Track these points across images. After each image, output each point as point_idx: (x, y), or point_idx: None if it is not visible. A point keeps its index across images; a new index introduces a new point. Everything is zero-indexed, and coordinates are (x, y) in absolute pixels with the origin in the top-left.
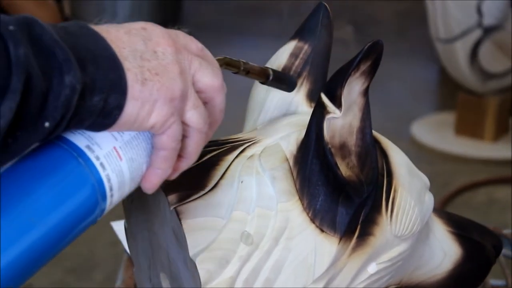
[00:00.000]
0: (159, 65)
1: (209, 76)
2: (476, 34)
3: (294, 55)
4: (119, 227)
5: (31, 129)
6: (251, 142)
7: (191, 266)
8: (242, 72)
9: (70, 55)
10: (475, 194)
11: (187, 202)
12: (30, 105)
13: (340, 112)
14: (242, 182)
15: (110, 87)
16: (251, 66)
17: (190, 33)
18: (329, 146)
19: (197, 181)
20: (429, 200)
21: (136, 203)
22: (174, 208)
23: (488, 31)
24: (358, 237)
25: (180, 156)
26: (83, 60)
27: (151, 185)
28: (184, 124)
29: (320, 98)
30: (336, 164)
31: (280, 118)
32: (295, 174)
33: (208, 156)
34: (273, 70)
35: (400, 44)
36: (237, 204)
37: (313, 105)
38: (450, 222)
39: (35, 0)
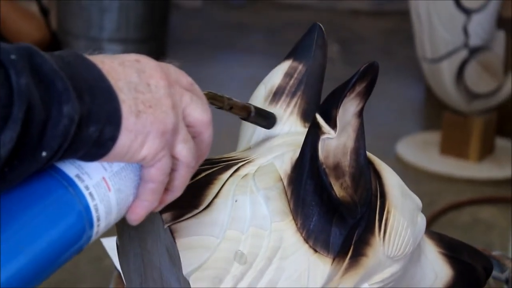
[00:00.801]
0: (153, 98)
1: (198, 111)
2: (462, 54)
3: (288, 74)
4: (109, 243)
5: (29, 158)
6: (245, 161)
7: (185, 285)
8: (226, 107)
9: (69, 85)
10: (459, 213)
11: (181, 221)
12: (30, 135)
13: (335, 132)
14: (236, 201)
15: (106, 118)
16: (235, 102)
17: (180, 67)
18: (324, 166)
19: (191, 199)
20: (421, 221)
21: None
22: (168, 226)
23: (474, 51)
24: (351, 257)
25: (166, 189)
26: (80, 90)
27: (137, 216)
28: (173, 157)
29: (315, 118)
30: (331, 184)
31: (273, 137)
32: (289, 194)
33: (203, 174)
34: (255, 107)
35: (386, 63)
36: (231, 223)
37: (306, 125)
38: (441, 244)
39: (22, 13)
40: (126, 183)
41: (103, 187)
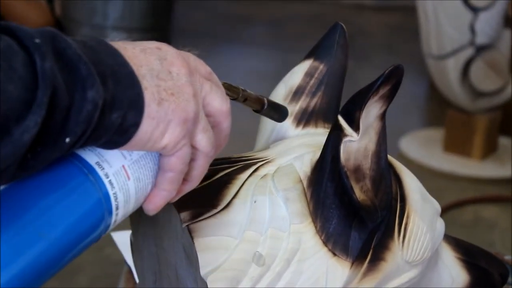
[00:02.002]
0: (175, 86)
1: (218, 100)
2: (468, 52)
3: (309, 74)
4: (119, 238)
5: (52, 144)
6: (264, 161)
7: (202, 285)
8: (240, 98)
9: (93, 70)
10: (462, 212)
11: (199, 220)
12: (54, 120)
13: (358, 135)
14: (255, 202)
15: (129, 104)
16: (249, 93)
17: (199, 56)
18: (345, 169)
19: (210, 199)
20: (440, 226)
21: (145, 217)
22: (187, 225)
23: (480, 49)
24: (369, 262)
25: (184, 179)
26: (104, 75)
27: (154, 206)
28: (192, 147)
29: (337, 120)
30: (352, 187)
31: (293, 138)
32: (308, 196)
33: (221, 174)
34: (268, 100)
35: (390, 58)
36: (249, 224)
37: (326, 125)
38: (458, 249)
39: (27, 0)
40: (145, 172)
41: (123, 176)
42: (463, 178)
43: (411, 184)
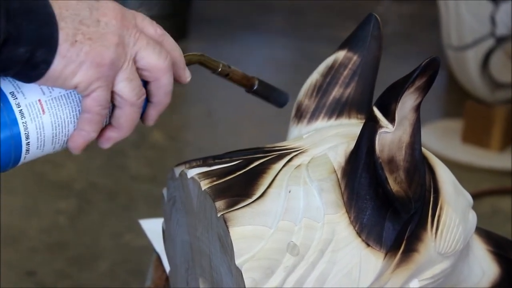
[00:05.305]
0: (96, 32)
1: (153, 56)
2: (489, 43)
3: (343, 65)
4: (148, 225)
5: None
6: (298, 151)
7: (236, 274)
8: (221, 72)
9: None
10: (479, 203)
11: (235, 210)
12: None
13: (393, 127)
14: (290, 191)
15: (38, 42)
16: (233, 70)
17: (151, 18)
18: (380, 160)
19: (245, 188)
20: (472, 218)
21: (178, 206)
22: (222, 215)
23: (501, 41)
24: (402, 253)
25: (112, 126)
26: (14, 12)
27: (75, 144)
28: (117, 95)
29: (372, 111)
30: (387, 179)
31: (327, 128)
32: (343, 186)
33: (256, 163)
34: (261, 81)
35: (408, 47)
36: (284, 213)
37: (359, 116)
38: (489, 241)
39: None
40: (65, 110)
41: (37, 108)
42: (481, 170)
43: (444, 176)
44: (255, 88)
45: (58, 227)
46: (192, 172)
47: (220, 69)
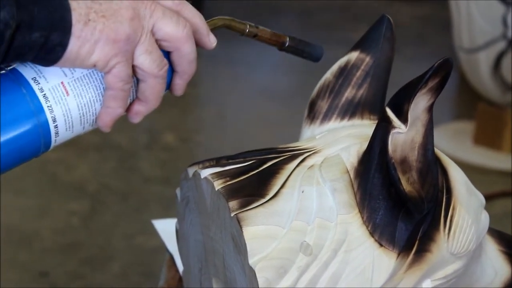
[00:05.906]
0: (109, 9)
1: (170, 26)
2: (500, 45)
3: (355, 66)
4: (161, 226)
5: None
6: (311, 152)
7: (250, 274)
8: (248, 34)
9: None
10: (491, 205)
11: (248, 210)
12: None
13: (406, 127)
14: (303, 192)
15: (51, 25)
16: (261, 29)
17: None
18: (393, 161)
19: (258, 188)
20: (485, 219)
21: (191, 206)
22: (235, 214)
23: None
24: (415, 253)
25: (139, 99)
26: None
27: (103, 122)
28: (138, 68)
29: (385, 112)
30: (399, 179)
31: (339, 128)
32: (355, 186)
33: (269, 164)
34: (292, 37)
35: (420, 49)
36: (297, 213)
37: (372, 117)
38: (501, 241)
39: None
40: (89, 89)
41: (60, 91)
42: (493, 171)
43: (457, 176)
44: (287, 45)
45: (70, 228)
46: (206, 172)
47: (248, 30)
